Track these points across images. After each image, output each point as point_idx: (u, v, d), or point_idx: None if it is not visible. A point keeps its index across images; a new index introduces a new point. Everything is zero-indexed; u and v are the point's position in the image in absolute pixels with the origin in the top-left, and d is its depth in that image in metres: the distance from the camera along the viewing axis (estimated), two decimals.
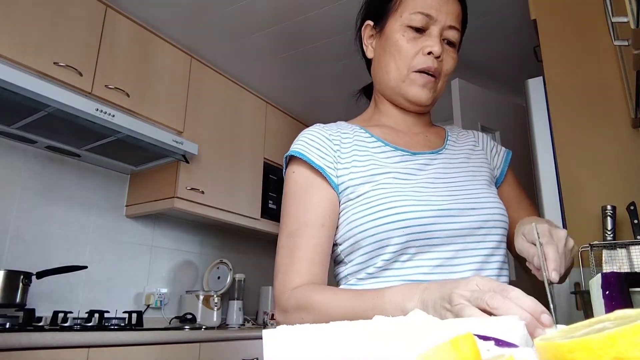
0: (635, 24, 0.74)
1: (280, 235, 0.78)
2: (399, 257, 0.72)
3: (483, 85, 2.71)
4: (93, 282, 2.21)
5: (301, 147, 0.80)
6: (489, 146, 0.93)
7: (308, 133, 0.83)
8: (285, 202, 0.80)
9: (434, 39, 0.79)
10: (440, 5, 0.80)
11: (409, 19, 0.80)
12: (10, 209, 1.96)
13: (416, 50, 0.80)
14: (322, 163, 0.78)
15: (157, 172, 2.38)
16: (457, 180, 0.79)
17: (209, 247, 2.91)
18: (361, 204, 0.74)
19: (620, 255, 1.19)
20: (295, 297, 0.70)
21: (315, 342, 0.31)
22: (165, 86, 2.33)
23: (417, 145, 0.85)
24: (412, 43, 0.80)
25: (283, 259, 0.75)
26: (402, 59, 0.81)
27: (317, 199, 0.77)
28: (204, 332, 2.03)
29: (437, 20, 0.80)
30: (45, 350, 1.41)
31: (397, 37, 0.81)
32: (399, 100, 0.85)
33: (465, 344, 0.24)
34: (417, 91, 0.81)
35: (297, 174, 0.80)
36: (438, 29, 0.80)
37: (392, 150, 0.81)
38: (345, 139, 0.82)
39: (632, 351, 0.22)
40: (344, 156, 0.79)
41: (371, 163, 0.78)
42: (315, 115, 3.30)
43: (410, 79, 0.81)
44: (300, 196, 0.78)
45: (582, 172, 1.40)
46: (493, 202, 0.78)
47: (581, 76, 1.47)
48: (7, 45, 1.72)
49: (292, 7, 2.21)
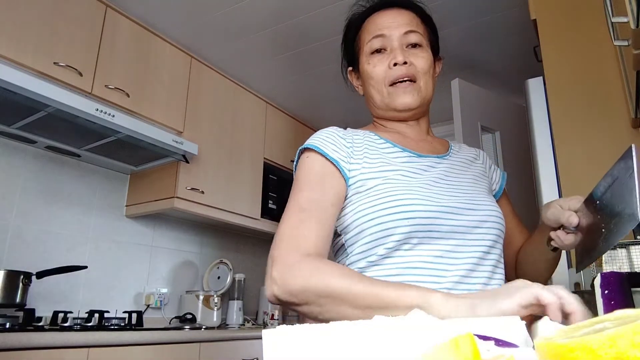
0: (635, 24, 0.74)
1: (289, 207, 0.78)
2: (402, 246, 0.75)
3: (483, 85, 2.71)
4: (93, 282, 2.21)
5: (316, 142, 0.84)
6: (487, 163, 1.01)
7: (323, 131, 0.87)
8: (298, 179, 0.82)
9: (395, 51, 0.87)
10: (390, 22, 0.89)
11: (368, 47, 0.90)
12: (10, 209, 1.96)
13: (384, 68, 0.88)
14: (336, 156, 0.82)
15: (157, 172, 2.38)
16: (459, 183, 0.85)
17: (209, 247, 2.91)
18: (369, 195, 0.78)
19: (620, 255, 1.19)
20: (307, 262, 0.68)
21: (315, 342, 0.31)
22: (165, 86, 2.33)
23: (423, 149, 0.90)
24: (378, 65, 0.88)
25: (291, 226, 0.74)
26: (376, 81, 0.89)
27: (330, 185, 0.80)
28: (204, 332, 2.03)
29: (391, 35, 0.88)
30: (45, 350, 1.41)
31: (366, 67, 0.90)
32: (392, 114, 0.91)
33: (465, 344, 0.24)
34: (401, 99, 0.87)
35: (312, 160, 0.83)
36: (396, 41, 0.88)
37: (400, 151, 0.86)
38: (357, 140, 0.87)
39: (632, 351, 0.22)
40: (357, 154, 0.84)
41: (381, 161, 0.83)
42: (315, 115, 3.30)
43: (390, 94, 0.88)
44: (315, 179, 0.81)
45: (582, 172, 1.40)
46: (491, 205, 0.84)
47: (581, 76, 1.47)
48: (7, 45, 1.71)
49: (292, 7, 2.21)
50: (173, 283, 2.62)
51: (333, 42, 2.44)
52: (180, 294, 2.61)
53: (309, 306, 0.66)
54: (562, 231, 0.75)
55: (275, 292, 0.68)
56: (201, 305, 2.45)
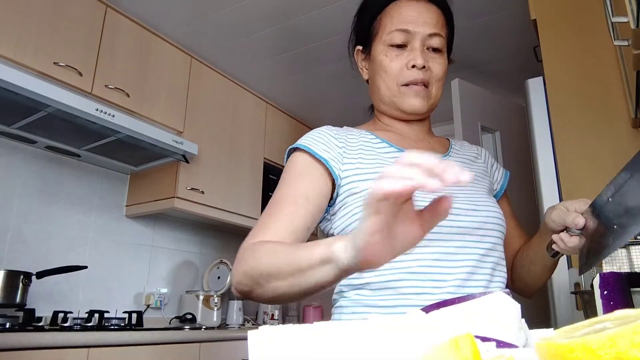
0: (635, 24, 0.74)
1: (266, 208, 0.79)
2: None
3: (483, 85, 2.71)
4: (93, 282, 2.21)
5: (306, 142, 0.82)
6: (490, 162, 0.99)
7: (314, 131, 0.86)
8: (280, 181, 0.82)
9: (415, 52, 0.83)
10: (416, 17, 0.83)
11: (389, 38, 0.84)
12: (10, 209, 1.95)
13: (400, 65, 0.84)
14: (327, 156, 0.80)
15: (157, 172, 2.38)
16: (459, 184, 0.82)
17: (209, 247, 2.91)
18: (364, 197, 0.75)
19: (620, 255, 1.19)
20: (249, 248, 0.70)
21: (301, 342, 0.31)
22: (165, 86, 2.33)
23: (421, 150, 0.87)
24: (395, 60, 0.84)
25: (258, 223, 0.75)
26: (389, 77, 0.85)
27: (308, 179, 0.79)
28: (204, 332, 2.03)
29: (415, 33, 0.83)
30: (45, 350, 1.41)
31: (381, 58, 0.86)
32: (396, 113, 0.89)
33: (465, 344, 0.24)
34: (410, 102, 0.85)
35: (296, 158, 0.82)
36: (419, 41, 0.83)
37: (397, 152, 0.84)
38: (351, 140, 0.85)
39: (632, 351, 0.22)
40: (350, 154, 0.82)
41: (377, 161, 0.81)
42: (315, 115, 3.30)
43: (400, 93, 0.85)
44: (295, 175, 0.80)
45: (582, 172, 1.40)
46: (492, 207, 0.82)
47: (581, 76, 1.47)
48: (7, 45, 1.71)
49: (292, 7, 2.21)
50: (173, 283, 2.62)
51: (333, 42, 2.44)
52: (180, 294, 2.61)
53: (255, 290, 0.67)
54: (566, 233, 0.72)
55: (233, 284, 0.70)
56: (201, 305, 2.45)
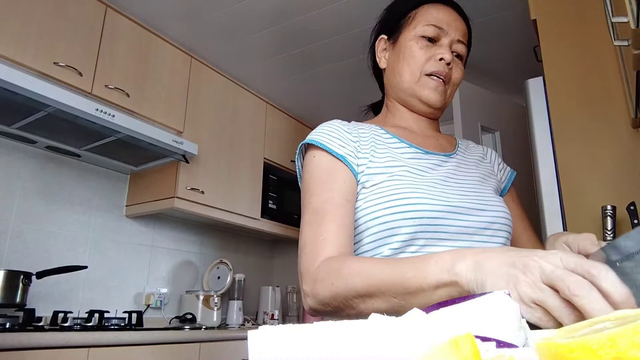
0: (635, 24, 0.74)
1: (304, 214, 0.77)
2: (407, 248, 0.73)
3: (483, 85, 2.71)
4: (93, 282, 2.21)
5: (320, 137, 0.82)
6: (496, 161, 0.99)
7: (327, 125, 0.85)
8: (307, 183, 0.80)
9: (444, 48, 0.87)
10: (451, 20, 0.89)
11: (422, 30, 0.88)
12: (10, 209, 1.96)
13: (428, 56, 0.87)
14: (343, 152, 0.80)
15: (157, 172, 2.38)
16: (467, 182, 0.83)
17: (209, 247, 2.91)
18: (375, 192, 0.76)
19: None
20: (326, 266, 0.68)
21: (301, 342, 0.31)
22: (165, 86, 2.33)
23: (430, 146, 0.89)
24: (424, 50, 0.87)
25: (309, 234, 0.74)
26: (416, 63, 0.87)
27: (341, 179, 0.78)
28: (204, 332, 2.03)
29: (447, 33, 0.88)
30: (45, 350, 1.41)
31: (411, 45, 0.88)
32: (412, 102, 0.90)
33: (465, 344, 0.24)
34: (429, 93, 0.87)
35: (319, 158, 0.81)
36: (448, 40, 0.88)
37: (407, 147, 0.85)
38: (363, 134, 0.85)
39: (632, 351, 0.22)
40: (364, 148, 0.82)
41: (388, 155, 0.81)
42: (315, 115, 3.30)
43: (422, 82, 0.87)
44: (325, 176, 0.79)
45: (582, 172, 1.40)
46: (500, 206, 0.82)
47: (581, 76, 1.47)
48: (7, 45, 1.72)
49: (292, 7, 2.21)
50: (173, 283, 2.62)
51: (333, 42, 2.44)
52: (180, 294, 2.61)
53: (345, 310, 0.65)
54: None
55: (311, 305, 0.69)
56: (201, 305, 2.45)
